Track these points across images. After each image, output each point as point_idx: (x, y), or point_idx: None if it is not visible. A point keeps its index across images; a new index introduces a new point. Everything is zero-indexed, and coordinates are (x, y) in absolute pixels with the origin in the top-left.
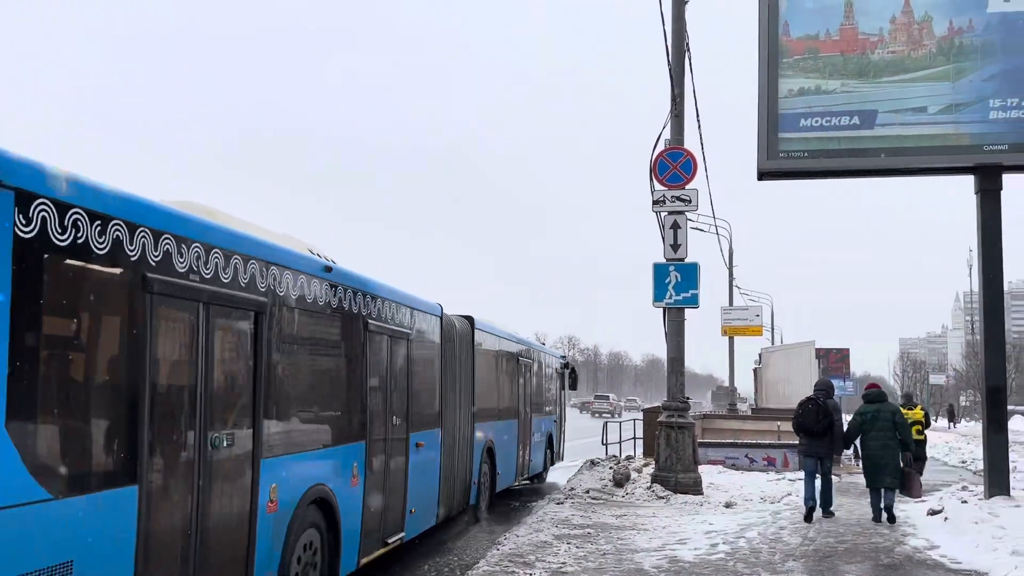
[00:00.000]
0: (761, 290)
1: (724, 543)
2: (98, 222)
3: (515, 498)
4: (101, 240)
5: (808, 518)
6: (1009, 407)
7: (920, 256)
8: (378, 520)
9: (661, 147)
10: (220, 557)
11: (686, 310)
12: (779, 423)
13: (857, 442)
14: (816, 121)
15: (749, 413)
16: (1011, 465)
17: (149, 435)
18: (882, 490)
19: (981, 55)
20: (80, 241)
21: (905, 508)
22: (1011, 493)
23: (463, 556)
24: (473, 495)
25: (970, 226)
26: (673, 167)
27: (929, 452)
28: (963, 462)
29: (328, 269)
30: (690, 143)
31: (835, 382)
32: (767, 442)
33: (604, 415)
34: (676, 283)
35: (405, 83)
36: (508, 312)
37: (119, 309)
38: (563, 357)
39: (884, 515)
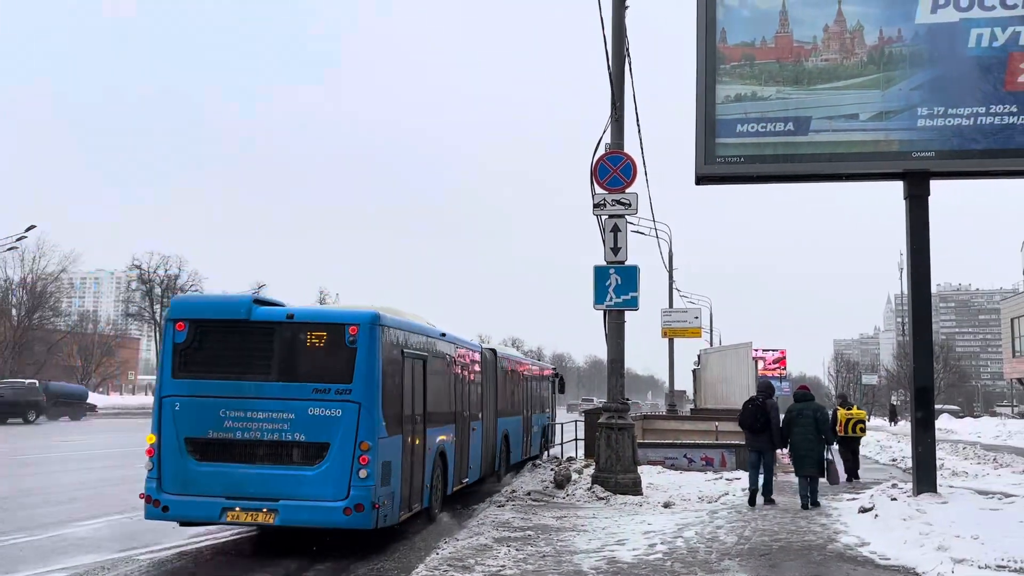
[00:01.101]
0: (700, 292)
1: (662, 543)
2: (394, 330)
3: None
4: (396, 338)
5: (752, 503)
6: (937, 406)
7: (854, 259)
8: (458, 468)
9: (602, 151)
10: (419, 467)
11: (626, 312)
12: (717, 423)
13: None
14: (752, 127)
15: (688, 414)
16: (938, 463)
17: (397, 416)
18: (807, 478)
19: (909, 64)
20: (391, 339)
21: (838, 507)
22: (938, 490)
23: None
24: (497, 464)
25: (901, 231)
26: (613, 171)
27: (861, 450)
28: (893, 460)
29: (443, 334)
30: (630, 147)
31: (772, 383)
32: (705, 442)
33: None
34: (616, 286)
35: (336, 84)
36: (450, 313)
37: (398, 363)
38: (554, 369)
39: (809, 500)
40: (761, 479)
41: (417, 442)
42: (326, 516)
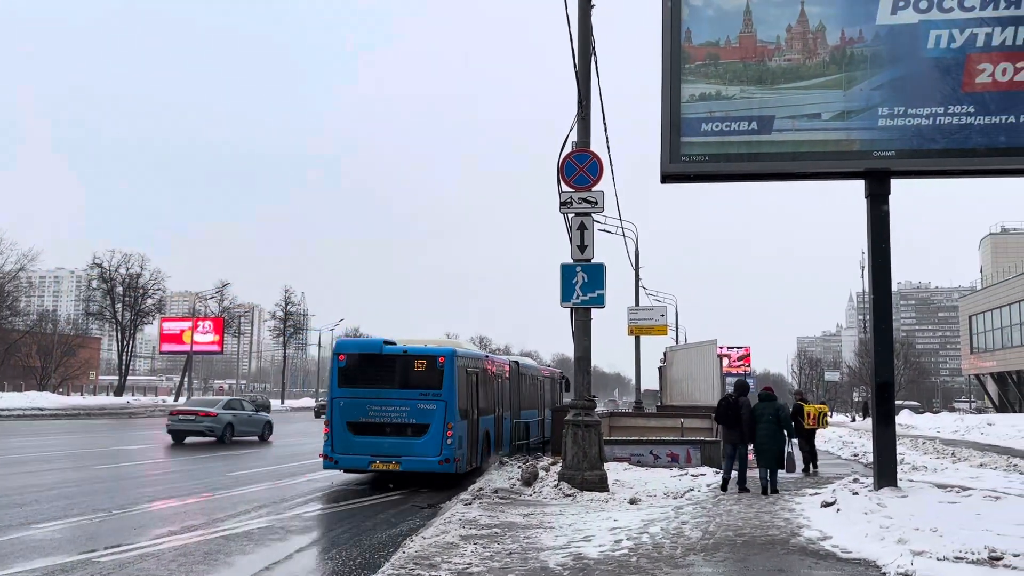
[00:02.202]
0: (666, 290)
1: (628, 539)
2: (462, 358)
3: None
4: (463, 363)
5: (724, 488)
6: (897, 402)
7: (818, 258)
8: (497, 443)
9: (568, 149)
10: (475, 441)
11: (593, 310)
12: (683, 420)
13: None
14: (717, 126)
15: (654, 411)
16: (899, 457)
17: (464, 409)
18: (768, 469)
19: (871, 64)
20: (461, 363)
21: (801, 501)
22: (898, 484)
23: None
24: (520, 444)
25: (863, 229)
26: (580, 169)
27: (824, 446)
28: (855, 455)
29: (487, 356)
30: (597, 146)
31: (748, 382)
32: (671, 438)
33: None
34: (583, 283)
35: (296, 86)
36: (419, 312)
37: (464, 377)
38: (562, 373)
39: (769, 488)
40: (735, 472)
41: (474, 426)
42: (428, 466)
